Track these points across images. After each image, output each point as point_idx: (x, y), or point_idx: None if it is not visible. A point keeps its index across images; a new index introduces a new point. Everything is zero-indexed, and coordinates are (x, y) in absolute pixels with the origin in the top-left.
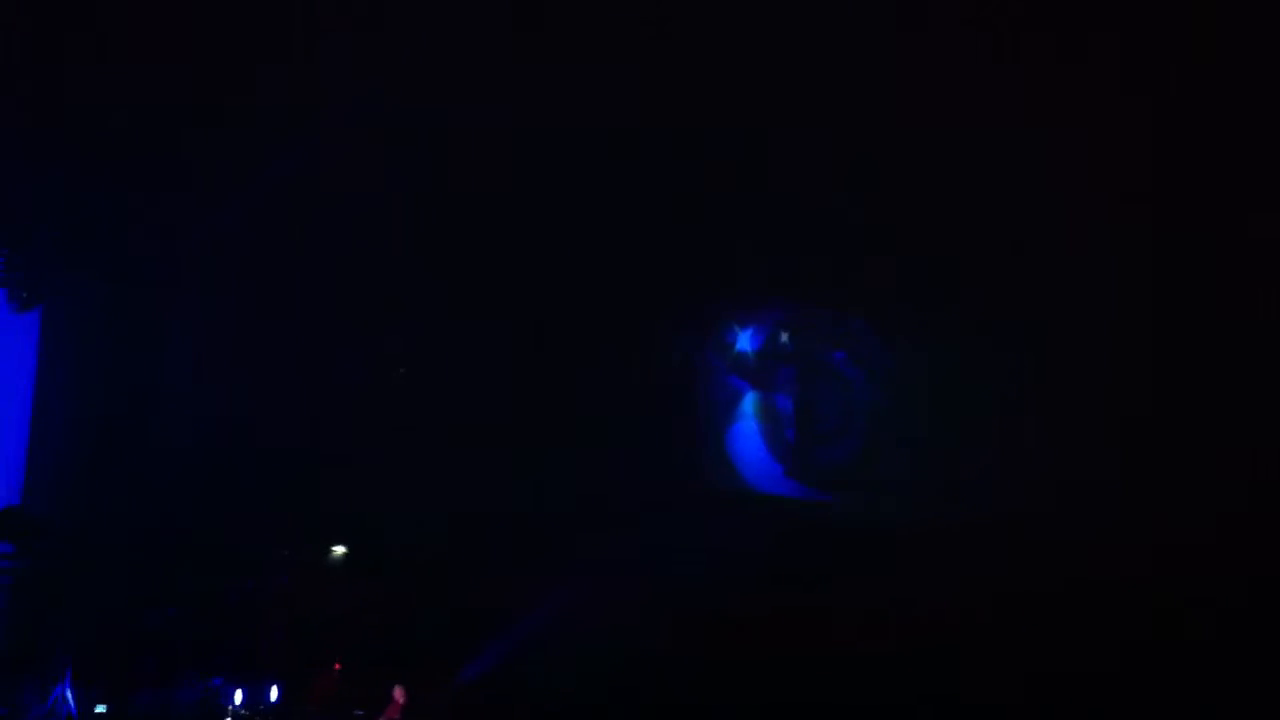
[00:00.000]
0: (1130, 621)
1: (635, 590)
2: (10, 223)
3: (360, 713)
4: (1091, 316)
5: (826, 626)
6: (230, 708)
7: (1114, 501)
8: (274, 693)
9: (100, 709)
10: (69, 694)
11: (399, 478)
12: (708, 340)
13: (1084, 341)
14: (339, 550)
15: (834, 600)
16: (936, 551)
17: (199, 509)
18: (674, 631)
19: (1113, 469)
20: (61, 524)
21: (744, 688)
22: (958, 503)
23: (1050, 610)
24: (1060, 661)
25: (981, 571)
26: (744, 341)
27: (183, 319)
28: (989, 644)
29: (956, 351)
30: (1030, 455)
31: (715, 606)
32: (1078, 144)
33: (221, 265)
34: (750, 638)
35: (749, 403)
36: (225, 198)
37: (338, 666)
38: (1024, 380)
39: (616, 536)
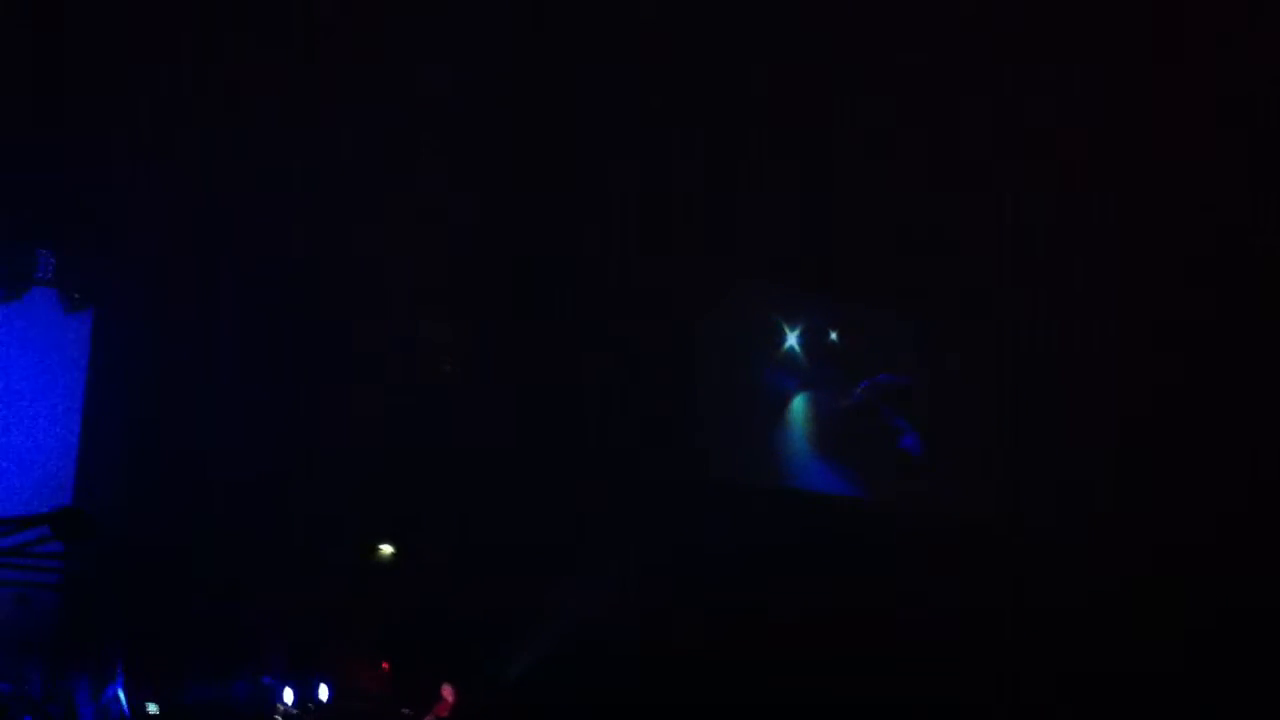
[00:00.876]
0: (1130, 621)
1: (666, 588)
2: (60, 224)
3: (408, 711)
4: (1094, 319)
5: (832, 626)
6: (280, 706)
7: (1113, 502)
8: (323, 691)
9: (152, 709)
10: (121, 694)
11: (446, 478)
12: (754, 337)
13: (1087, 343)
14: (387, 550)
15: (841, 599)
16: (944, 551)
17: (250, 510)
18: (700, 630)
19: (1113, 469)
20: (113, 524)
21: (759, 685)
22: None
23: (1050, 610)
24: (1060, 661)
25: (985, 571)
26: (793, 339)
27: (233, 320)
28: (990, 644)
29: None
30: (1034, 456)
31: (746, 603)
32: (1078, 144)
33: (271, 267)
34: (774, 635)
35: (797, 399)
36: (272, 199)
37: (386, 666)
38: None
39: (655, 534)
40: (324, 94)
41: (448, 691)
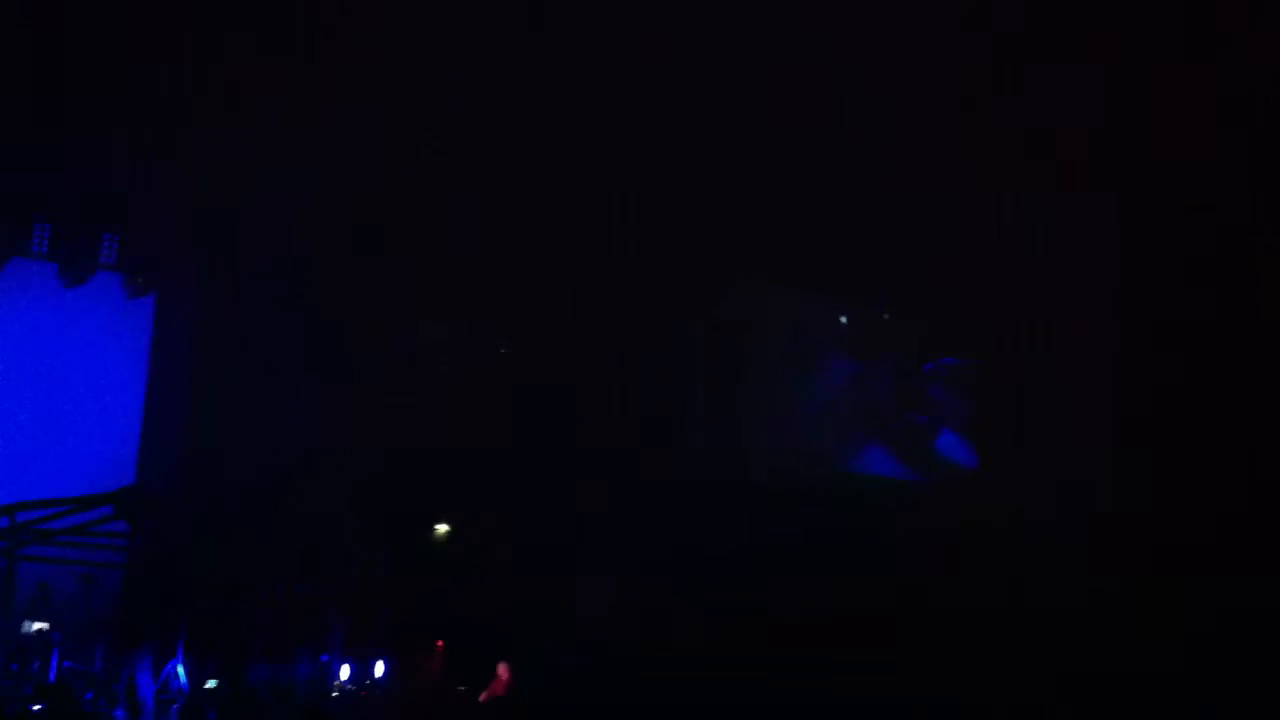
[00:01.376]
0: (1130, 621)
1: (666, 588)
2: (127, 208)
3: (464, 688)
4: (1094, 319)
5: (832, 625)
6: (338, 683)
7: (1113, 502)
8: (380, 669)
9: (211, 684)
10: (180, 670)
11: (502, 467)
12: (811, 319)
13: (1087, 343)
14: (441, 531)
15: (841, 599)
16: (944, 551)
17: (310, 490)
18: (700, 630)
19: (1113, 470)
20: (176, 503)
21: (759, 686)
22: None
23: (1050, 610)
24: (1060, 661)
25: (985, 571)
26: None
27: (294, 302)
28: (990, 644)
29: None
30: (1034, 456)
31: (746, 603)
32: (1078, 144)
33: (332, 251)
34: (774, 635)
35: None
36: (333, 189)
37: (440, 644)
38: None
39: (655, 534)
40: (350, 94)
41: (503, 670)
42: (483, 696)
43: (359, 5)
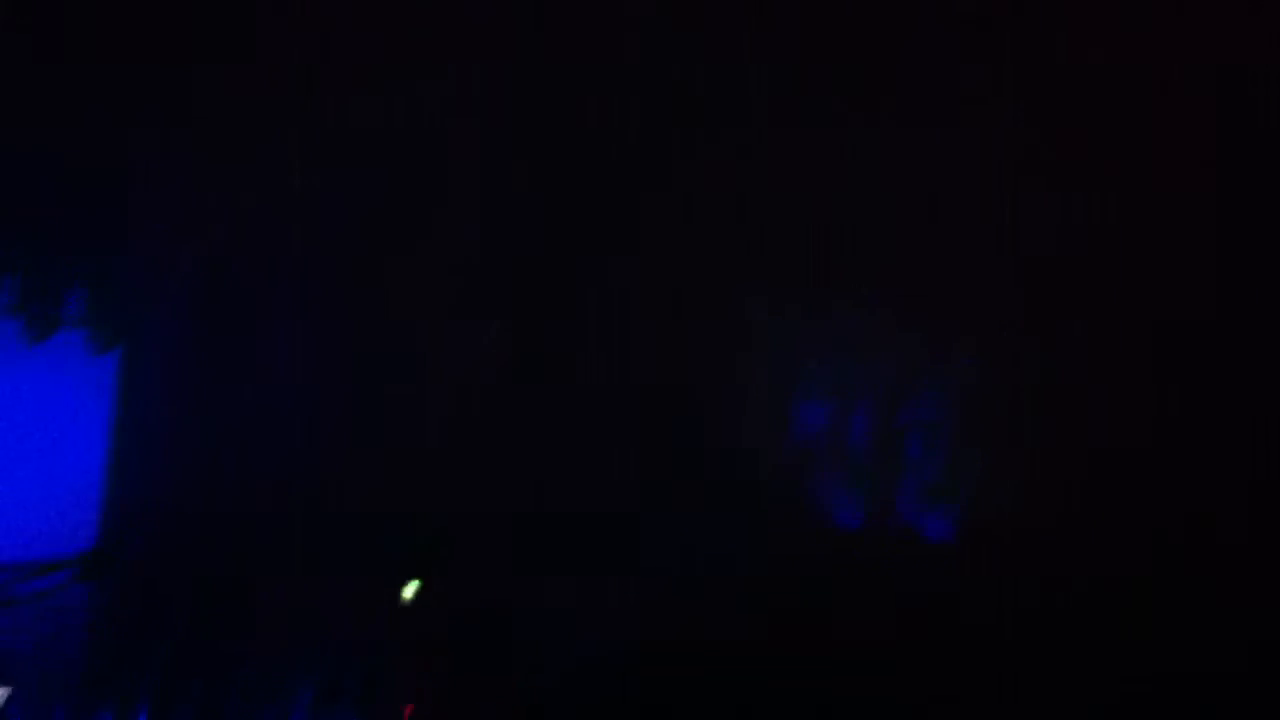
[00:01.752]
0: (1130, 621)
1: (667, 590)
2: (91, 259)
3: None
4: (1095, 318)
5: (831, 625)
6: None
7: (1112, 502)
8: None
9: None
10: None
11: (500, 469)
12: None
13: (1088, 343)
14: (411, 590)
15: (840, 599)
16: (944, 551)
17: (280, 546)
18: (699, 630)
19: (1111, 469)
20: (141, 562)
21: (757, 686)
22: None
23: (1050, 610)
24: (1060, 661)
25: (985, 571)
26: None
27: (271, 348)
28: (990, 644)
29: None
30: (1035, 456)
31: (744, 603)
32: (1080, 141)
33: (309, 292)
34: (773, 635)
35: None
36: (311, 217)
37: (409, 709)
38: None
39: (657, 535)
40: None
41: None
42: None
43: (360, 19)
